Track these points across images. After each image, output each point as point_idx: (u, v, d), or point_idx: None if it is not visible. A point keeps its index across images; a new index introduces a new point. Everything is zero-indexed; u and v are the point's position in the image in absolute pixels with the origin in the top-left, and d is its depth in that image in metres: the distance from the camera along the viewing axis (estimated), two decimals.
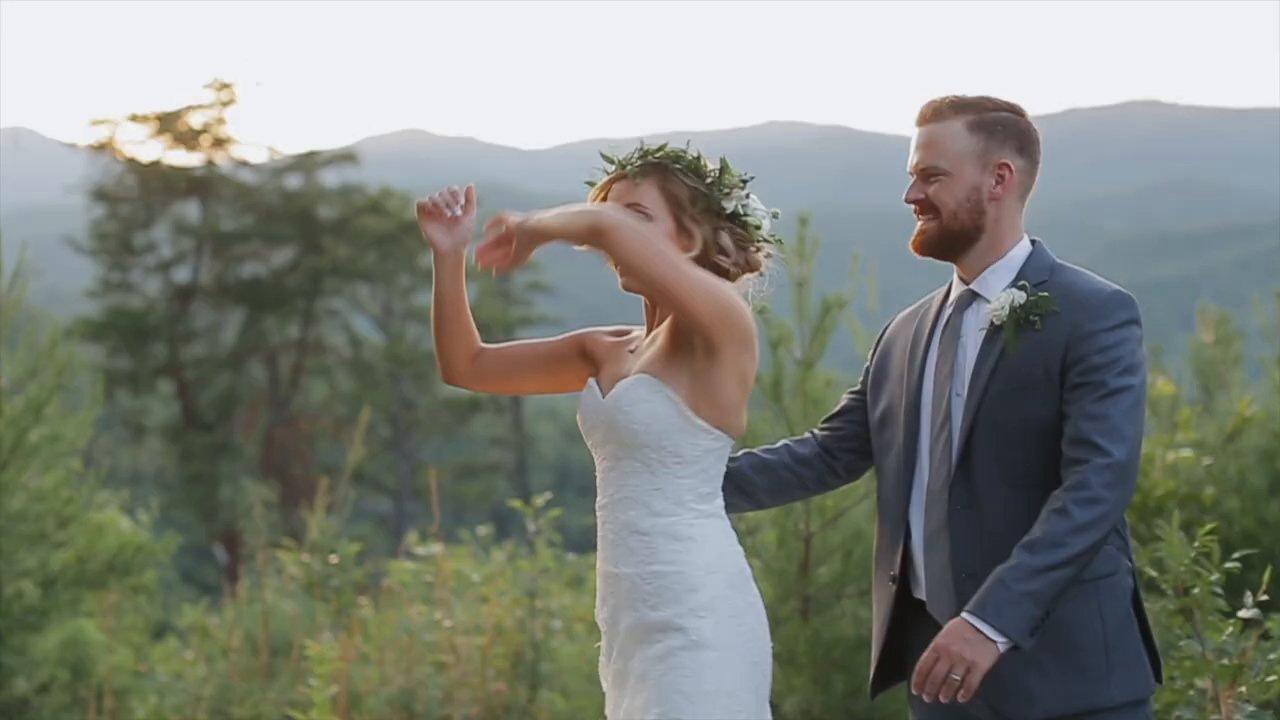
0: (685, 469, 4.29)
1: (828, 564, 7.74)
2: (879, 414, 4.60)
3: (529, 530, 9.97)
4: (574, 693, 8.40)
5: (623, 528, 4.33)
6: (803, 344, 7.77)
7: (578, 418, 4.54)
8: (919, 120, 4.44)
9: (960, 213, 4.43)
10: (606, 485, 4.41)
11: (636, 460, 4.32)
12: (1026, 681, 4.31)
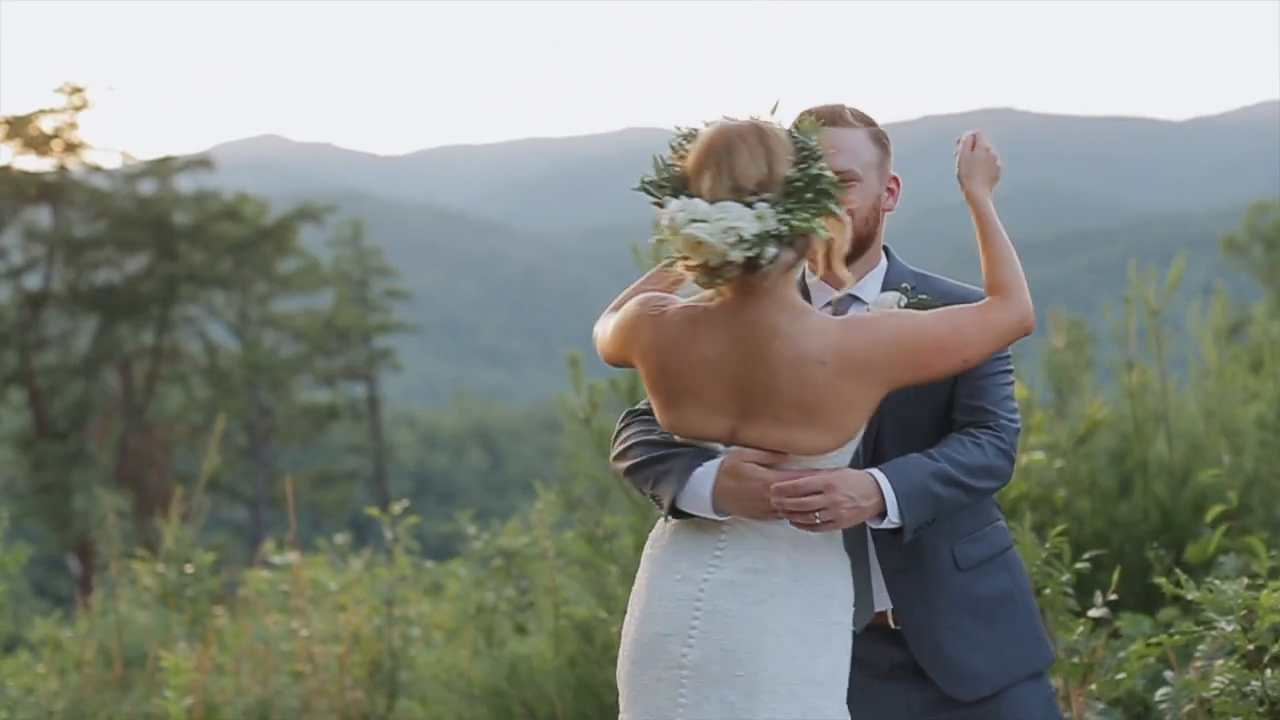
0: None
1: None
2: None
3: (387, 538, 9.92)
4: (432, 700, 8.37)
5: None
6: None
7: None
8: (829, 121, 4.39)
9: (868, 219, 4.52)
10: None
11: None
12: (973, 663, 4.44)
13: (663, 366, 4.18)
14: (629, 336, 4.24)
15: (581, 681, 7.80)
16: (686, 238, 3.99)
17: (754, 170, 4.04)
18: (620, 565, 7.79)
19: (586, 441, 7.78)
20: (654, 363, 4.19)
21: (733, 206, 3.98)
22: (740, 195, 4.00)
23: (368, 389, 61.76)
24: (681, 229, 4.00)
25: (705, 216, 3.98)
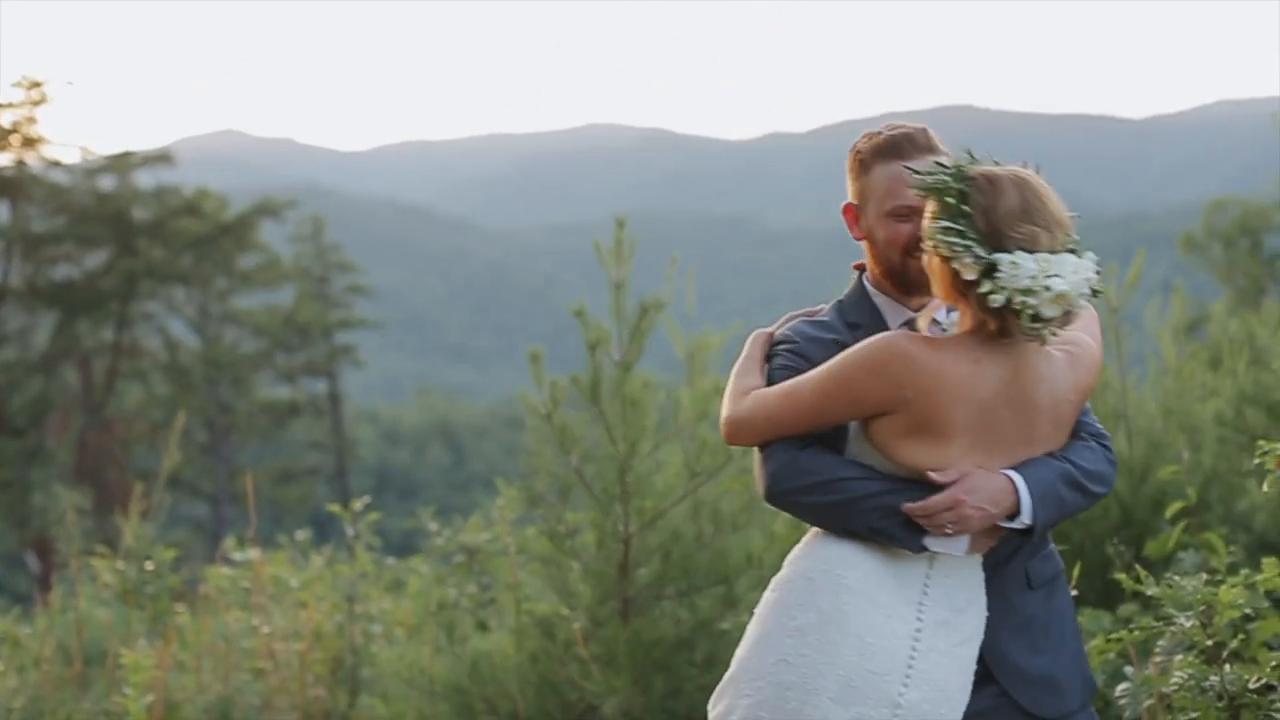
0: None
1: (647, 565, 7.77)
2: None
3: (348, 534, 9.92)
4: (394, 697, 8.36)
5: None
6: (621, 346, 7.79)
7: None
8: (916, 151, 4.44)
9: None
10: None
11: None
12: (1054, 678, 4.44)
13: (945, 403, 4.14)
14: (896, 369, 4.12)
15: (543, 678, 7.79)
16: (1054, 294, 4.07)
17: (1066, 218, 4.18)
18: (582, 562, 7.79)
19: (548, 438, 7.77)
20: (935, 400, 4.13)
21: (1069, 258, 4.13)
22: (1067, 245, 4.15)
23: (329, 385, 61.68)
24: (1042, 285, 4.06)
25: (1060, 270, 4.09)
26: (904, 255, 4.42)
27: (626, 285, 7.99)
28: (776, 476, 4.25)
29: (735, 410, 4.33)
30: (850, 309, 4.54)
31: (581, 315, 7.67)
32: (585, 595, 7.80)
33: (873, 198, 4.47)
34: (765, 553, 7.81)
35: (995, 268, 4.06)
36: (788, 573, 4.30)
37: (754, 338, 4.55)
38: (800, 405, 4.21)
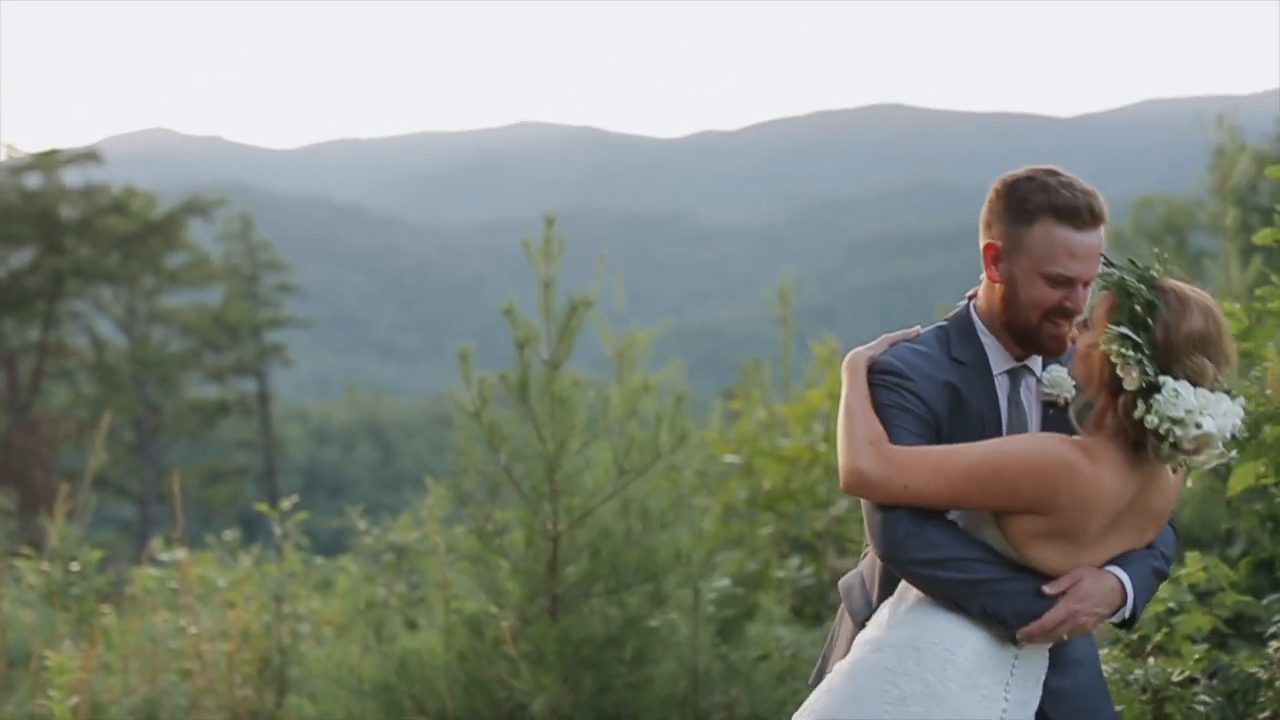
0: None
1: (576, 563, 7.77)
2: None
3: (276, 534, 9.88)
4: (322, 696, 8.32)
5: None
6: (549, 344, 7.78)
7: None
8: (1091, 222, 4.33)
9: None
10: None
11: None
12: (1105, 710, 4.56)
13: (1093, 516, 4.16)
14: (1058, 477, 4.11)
15: (471, 677, 7.78)
16: (1200, 433, 4.07)
17: (1235, 356, 4.22)
18: (510, 560, 7.78)
19: (477, 436, 7.76)
20: (1085, 512, 4.16)
21: (1224, 399, 4.12)
22: (1225, 385, 4.17)
23: (258, 384, 61.39)
24: (1194, 420, 4.07)
25: (1213, 411, 4.10)
26: (1043, 319, 4.34)
27: (555, 283, 7.99)
28: (902, 544, 4.20)
29: (865, 465, 4.19)
30: (956, 343, 4.43)
31: (510, 313, 7.66)
32: (514, 593, 7.79)
33: (1029, 253, 4.30)
34: (694, 550, 7.82)
35: (1157, 389, 4.08)
36: (890, 637, 4.26)
37: (855, 364, 4.38)
38: (946, 485, 4.14)
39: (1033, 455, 4.11)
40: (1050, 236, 4.27)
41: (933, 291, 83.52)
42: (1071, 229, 4.26)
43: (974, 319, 4.45)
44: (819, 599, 10.45)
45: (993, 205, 4.38)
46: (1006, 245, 4.32)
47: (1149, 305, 4.10)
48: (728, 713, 7.84)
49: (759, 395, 12.42)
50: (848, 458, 4.22)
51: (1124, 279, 4.15)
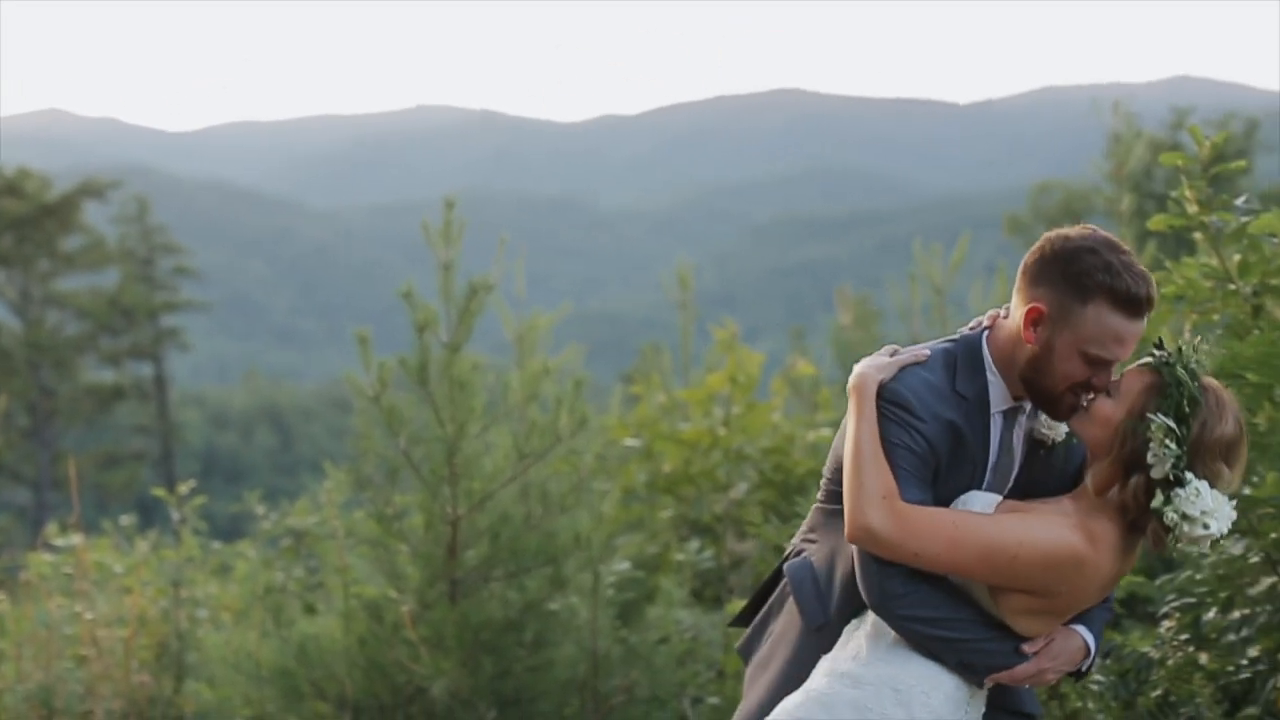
0: None
1: (475, 547, 7.76)
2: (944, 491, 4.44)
3: (174, 519, 9.82)
4: (220, 682, 8.28)
5: None
6: (449, 327, 7.77)
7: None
8: (1145, 311, 4.25)
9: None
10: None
11: None
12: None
13: (1087, 600, 4.27)
14: (1071, 573, 4.18)
15: (371, 661, 7.76)
16: (1204, 533, 4.14)
17: (1245, 465, 4.27)
18: (410, 544, 7.76)
19: (376, 420, 7.74)
20: (1081, 598, 4.26)
21: (1228, 505, 4.17)
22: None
23: (154, 368, 60.88)
24: (1202, 521, 4.13)
25: (1220, 515, 4.15)
26: (1067, 390, 4.27)
27: (455, 266, 7.97)
28: (898, 600, 4.18)
29: (877, 524, 4.14)
30: (962, 375, 4.34)
31: (409, 296, 7.64)
32: (413, 578, 7.77)
33: (1076, 330, 4.19)
34: (593, 533, 7.83)
35: (1182, 484, 4.12)
36: (869, 674, 4.26)
37: (865, 387, 4.30)
38: (958, 560, 4.13)
39: (1049, 548, 4.12)
40: (1103, 321, 4.18)
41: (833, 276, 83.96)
42: (1125, 316, 4.18)
43: (985, 354, 4.36)
44: (719, 582, 10.48)
45: (1047, 266, 4.25)
46: (1053, 314, 4.22)
47: (1192, 400, 4.13)
48: (628, 695, 7.86)
49: (659, 379, 12.44)
50: (858, 510, 4.15)
51: (1176, 369, 4.16)
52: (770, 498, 10.97)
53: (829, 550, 4.45)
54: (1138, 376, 4.22)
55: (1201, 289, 6.12)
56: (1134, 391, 4.19)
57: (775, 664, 4.48)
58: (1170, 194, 6.23)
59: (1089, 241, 4.22)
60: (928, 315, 11.95)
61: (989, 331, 4.38)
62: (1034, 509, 4.24)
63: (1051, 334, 4.22)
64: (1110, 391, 4.22)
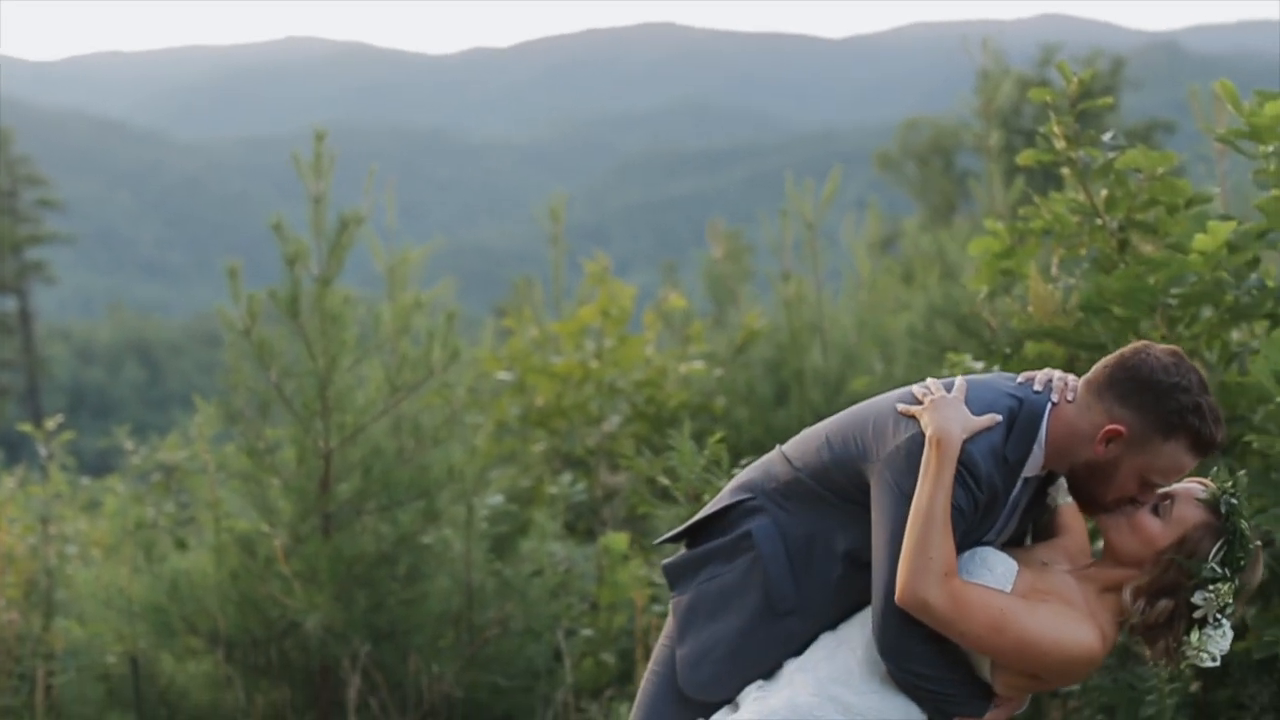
0: None
1: (348, 480, 7.74)
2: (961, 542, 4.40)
3: (41, 455, 9.70)
4: (91, 619, 8.22)
5: None
6: (320, 260, 7.72)
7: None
8: (1211, 454, 4.31)
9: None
10: None
11: None
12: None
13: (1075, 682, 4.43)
14: (1084, 668, 4.28)
15: (244, 596, 7.73)
16: (1200, 660, 4.27)
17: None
18: (282, 478, 7.73)
19: (247, 354, 7.69)
20: (1074, 682, 4.49)
21: (1230, 635, 4.30)
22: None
23: (19, 302, 59.99)
24: (1209, 654, 4.26)
25: (1223, 647, 4.28)
26: (1113, 500, 4.29)
27: (326, 199, 7.92)
28: (907, 657, 4.22)
29: (933, 599, 4.14)
30: (1015, 441, 4.29)
31: (280, 229, 7.59)
32: (286, 511, 7.74)
33: (1151, 460, 4.20)
34: (466, 467, 7.84)
35: (1206, 624, 4.24)
36: (861, 705, 4.28)
37: (950, 448, 4.20)
38: (992, 641, 4.16)
39: (1076, 651, 4.17)
40: (1178, 459, 4.21)
41: (705, 210, 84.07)
42: (1196, 456, 4.22)
43: (1043, 429, 4.31)
44: (591, 515, 10.53)
45: (1138, 390, 4.23)
46: (1131, 439, 4.20)
47: (1246, 553, 4.23)
48: (502, 628, 7.88)
49: (531, 313, 12.43)
50: (917, 580, 4.13)
51: (1240, 522, 4.23)
52: (643, 430, 11.02)
53: (807, 533, 4.42)
54: (1193, 509, 4.26)
55: (1069, 223, 6.20)
56: (1188, 524, 4.23)
57: (724, 626, 4.45)
58: (1038, 130, 6.29)
59: (1184, 378, 4.21)
60: (799, 250, 12.02)
61: (1054, 406, 4.32)
62: (1053, 592, 4.27)
63: (1123, 454, 4.21)
64: (1160, 512, 4.26)
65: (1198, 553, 4.20)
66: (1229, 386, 5.84)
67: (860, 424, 4.39)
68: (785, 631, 4.38)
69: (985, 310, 6.68)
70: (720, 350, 11.94)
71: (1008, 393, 4.34)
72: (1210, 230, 5.77)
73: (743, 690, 4.37)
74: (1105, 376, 4.26)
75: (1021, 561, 4.32)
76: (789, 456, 4.50)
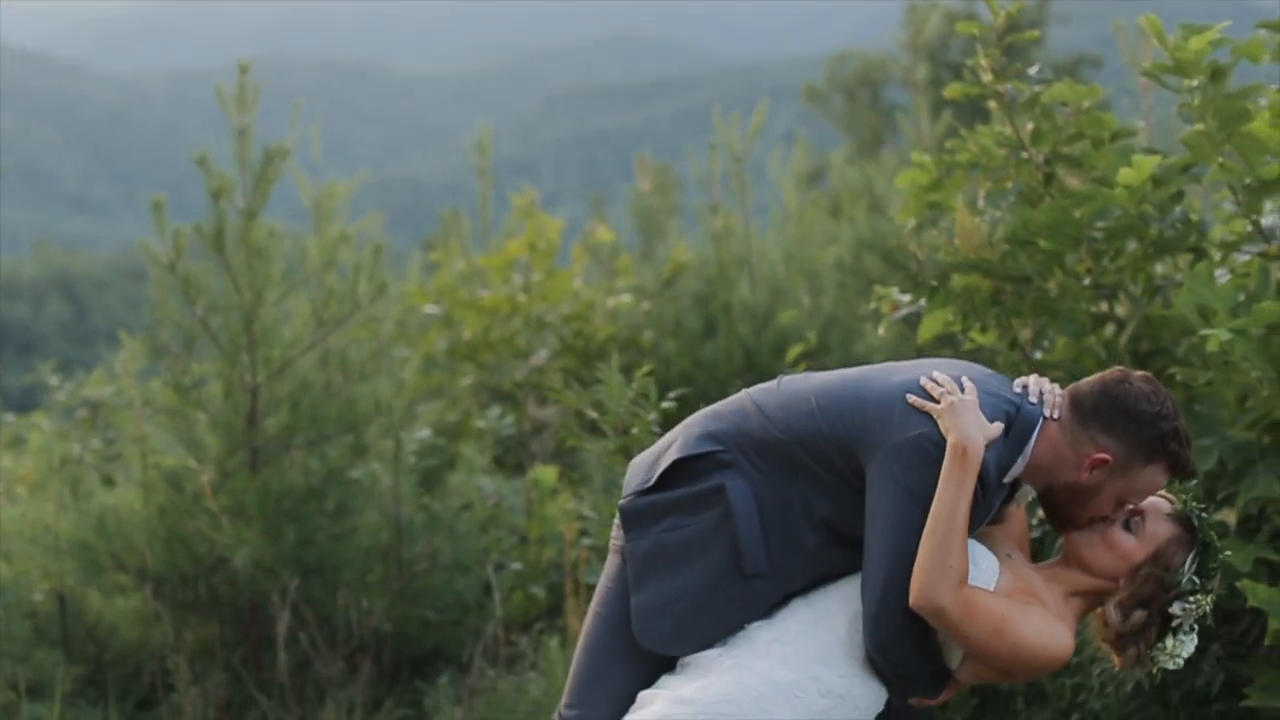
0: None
1: (275, 415, 7.72)
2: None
3: None
4: (17, 556, 8.17)
5: None
6: (245, 194, 7.67)
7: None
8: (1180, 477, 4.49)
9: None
10: None
11: None
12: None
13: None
14: (1057, 667, 4.37)
15: (171, 532, 7.71)
16: (1166, 664, 4.44)
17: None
18: (209, 413, 7.70)
19: (172, 289, 7.64)
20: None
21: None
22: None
23: None
24: (1169, 658, 4.42)
25: (1184, 654, 4.46)
26: (1086, 519, 4.41)
27: (251, 132, 7.87)
28: (898, 650, 4.29)
29: (947, 604, 4.18)
30: (1006, 449, 4.36)
31: (204, 163, 7.53)
32: (213, 447, 7.72)
33: (1130, 483, 4.35)
34: (394, 400, 7.83)
35: (1179, 632, 4.39)
36: (841, 686, 4.31)
37: (973, 457, 4.23)
38: (990, 645, 4.23)
39: (1057, 653, 4.27)
40: (1154, 481, 4.37)
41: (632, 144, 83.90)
42: (1170, 478, 4.40)
43: (1031, 442, 4.38)
44: (520, 448, 10.53)
45: (1123, 419, 4.34)
46: (1116, 465, 4.32)
47: (1215, 564, 4.39)
48: (431, 562, 7.89)
49: (458, 246, 12.39)
50: (933, 586, 4.17)
51: (1211, 534, 4.38)
52: (571, 364, 11.02)
53: (783, 497, 4.40)
54: (1164, 524, 4.40)
55: (995, 157, 6.22)
56: (1160, 539, 4.38)
57: (687, 581, 4.41)
58: (965, 63, 6.31)
59: (1163, 406, 4.35)
60: (727, 184, 12.01)
61: (1045, 422, 4.39)
62: (1033, 593, 4.36)
63: (1106, 479, 4.34)
64: (1133, 528, 4.38)
65: (1171, 565, 4.35)
66: (1152, 319, 5.90)
67: (857, 404, 4.38)
68: (752, 593, 4.38)
69: (912, 243, 6.70)
70: (648, 284, 11.94)
71: (1004, 397, 4.41)
72: (1135, 164, 5.81)
73: (700, 649, 4.36)
74: (1090, 404, 4.35)
75: (994, 551, 4.41)
76: (766, 412, 4.46)
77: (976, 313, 6.05)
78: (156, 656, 7.80)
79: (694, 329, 11.40)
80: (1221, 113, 5.55)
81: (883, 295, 6.57)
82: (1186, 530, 4.38)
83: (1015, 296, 5.98)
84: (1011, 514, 4.60)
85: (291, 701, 7.51)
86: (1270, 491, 5.26)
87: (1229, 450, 5.36)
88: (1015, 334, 6.04)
